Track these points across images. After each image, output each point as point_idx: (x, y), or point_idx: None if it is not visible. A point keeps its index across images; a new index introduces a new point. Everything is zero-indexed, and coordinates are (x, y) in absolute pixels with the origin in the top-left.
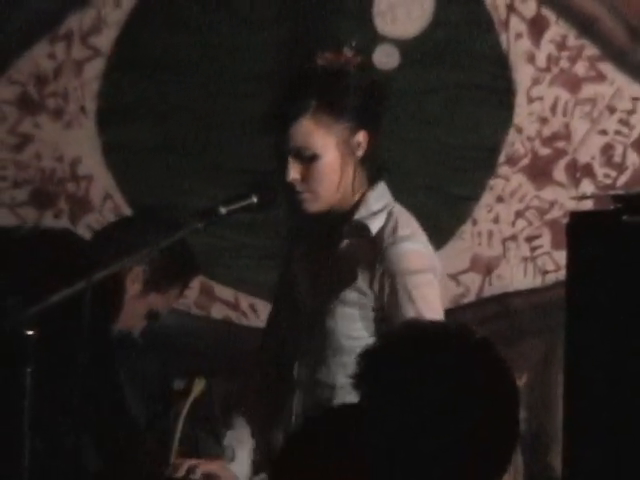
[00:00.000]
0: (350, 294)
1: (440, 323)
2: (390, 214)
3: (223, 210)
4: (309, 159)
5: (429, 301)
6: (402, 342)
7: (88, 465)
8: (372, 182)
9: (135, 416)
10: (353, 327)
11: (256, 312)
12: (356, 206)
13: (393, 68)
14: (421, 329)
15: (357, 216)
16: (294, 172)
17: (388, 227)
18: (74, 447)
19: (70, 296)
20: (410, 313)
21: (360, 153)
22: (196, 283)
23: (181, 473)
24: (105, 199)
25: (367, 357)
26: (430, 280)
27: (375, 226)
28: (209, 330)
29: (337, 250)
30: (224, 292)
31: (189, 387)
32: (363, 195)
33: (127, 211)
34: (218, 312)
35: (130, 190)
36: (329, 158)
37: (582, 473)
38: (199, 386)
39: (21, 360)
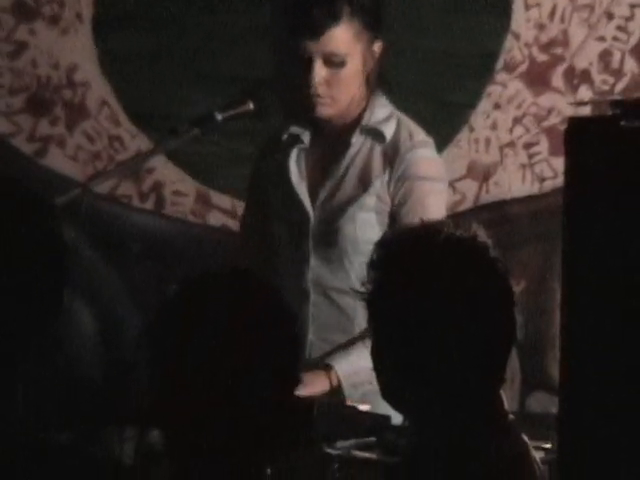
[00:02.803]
0: (368, 199)
1: (453, 227)
2: (400, 122)
3: (219, 116)
4: (337, 65)
5: (438, 209)
6: (414, 238)
7: None
8: (372, 91)
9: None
10: (372, 232)
11: None
12: (362, 113)
13: None
14: (434, 229)
15: (367, 122)
16: (320, 76)
17: (403, 133)
18: None
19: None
20: (419, 217)
21: (374, 63)
22: (192, 190)
23: None
24: (101, 106)
25: (381, 246)
26: (443, 190)
27: (388, 132)
28: (206, 237)
29: (347, 156)
30: (221, 199)
31: None
32: (367, 103)
33: (123, 118)
34: (215, 220)
35: (126, 97)
36: (354, 65)
37: (579, 380)
38: None
39: None
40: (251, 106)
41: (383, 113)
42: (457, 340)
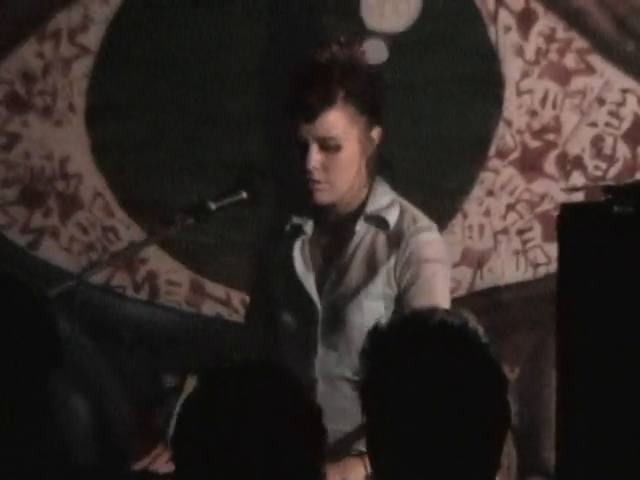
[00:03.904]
0: (375, 287)
1: (445, 312)
2: (403, 208)
3: (213, 206)
4: (332, 149)
5: (443, 292)
6: (405, 325)
7: None
8: (373, 178)
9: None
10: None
11: None
12: (365, 201)
13: (381, 63)
14: (424, 316)
15: (370, 210)
16: (315, 161)
17: (406, 219)
18: None
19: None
20: (425, 301)
21: (373, 148)
22: (186, 280)
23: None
24: (95, 197)
25: (375, 334)
26: (446, 272)
27: (392, 219)
28: (200, 327)
29: (352, 244)
30: (215, 289)
31: (181, 384)
32: (370, 190)
33: (117, 209)
34: (209, 309)
35: (120, 187)
36: (350, 150)
37: (575, 466)
38: (191, 383)
39: None
40: (244, 195)
41: (386, 200)
42: (451, 427)
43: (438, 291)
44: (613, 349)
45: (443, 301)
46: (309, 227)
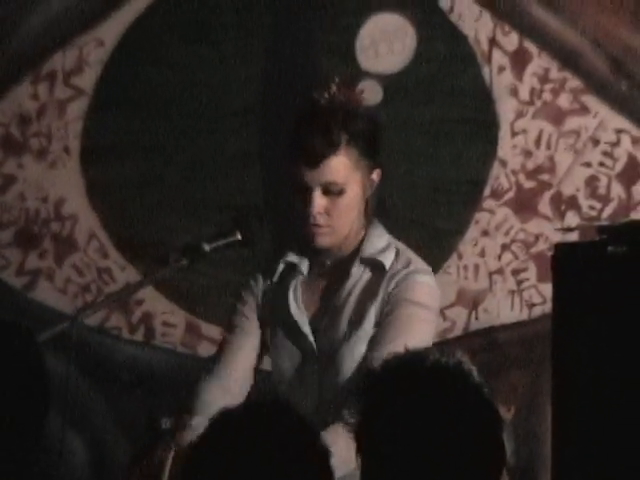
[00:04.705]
0: (367, 329)
1: (438, 352)
2: (398, 250)
3: (207, 247)
4: (336, 194)
5: (420, 335)
6: (399, 366)
7: None
8: (370, 219)
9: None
10: None
11: None
12: (360, 243)
13: (376, 104)
14: (418, 357)
15: (366, 253)
16: (320, 206)
17: (400, 261)
18: None
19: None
20: (394, 340)
21: (372, 191)
22: (181, 321)
23: None
24: (90, 238)
25: (369, 374)
26: (431, 319)
27: (388, 262)
28: (196, 368)
29: (346, 286)
30: (210, 330)
31: (177, 425)
32: (366, 232)
33: (112, 250)
34: (205, 350)
35: (114, 228)
36: (353, 194)
37: None
38: (188, 424)
39: None
40: (239, 236)
41: (382, 243)
42: (446, 468)
43: (416, 335)
44: (608, 387)
45: (417, 344)
46: (304, 266)
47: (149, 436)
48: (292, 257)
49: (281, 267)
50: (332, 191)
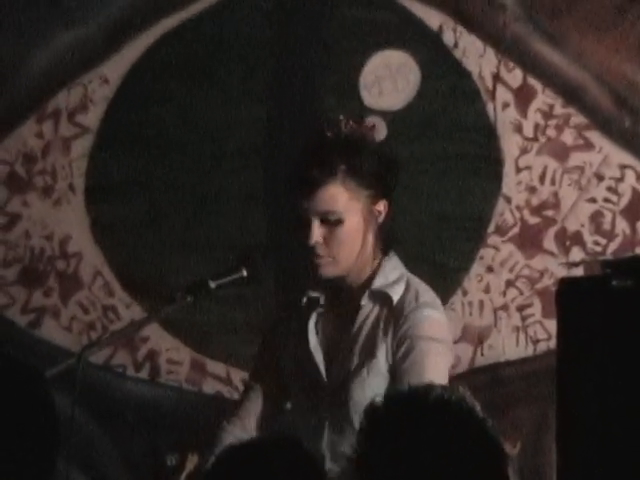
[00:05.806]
0: (376, 364)
1: (441, 388)
2: (409, 283)
3: (213, 284)
4: (333, 223)
5: (439, 371)
6: (402, 402)
7: None
8: (384, 251)
9: None
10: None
11: None
12: (373, 275)
13: (380, 140)
14: (421, 393)
15: (376, 285)
16: (317, 235)
17: (409, 295)
18: None
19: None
20: (415, 379)
21: (379, 222)
22: (186, 358)
23: None
24: (95, 276)
25: (371, 411)
26: (445, 351)
27: (396, 295)
28: (201, 405)
29: (358, 319)
30: (216, 367)
31: (182, 463)
32: (379, 264)
33: (117, 288)
34: (210, 387)
35: (120, 267)
36: (353, 224)
37: None
38: (192, 462)
39: None
40: (244, 273)
41: (393, 275)
42: None
43: (430, 369)
44: (613, 424)
45: (436, 379)
46: (323, 300)
47: (154, 473)
48: (313, 292)
49: (304, 301)
50: (330, 220)
